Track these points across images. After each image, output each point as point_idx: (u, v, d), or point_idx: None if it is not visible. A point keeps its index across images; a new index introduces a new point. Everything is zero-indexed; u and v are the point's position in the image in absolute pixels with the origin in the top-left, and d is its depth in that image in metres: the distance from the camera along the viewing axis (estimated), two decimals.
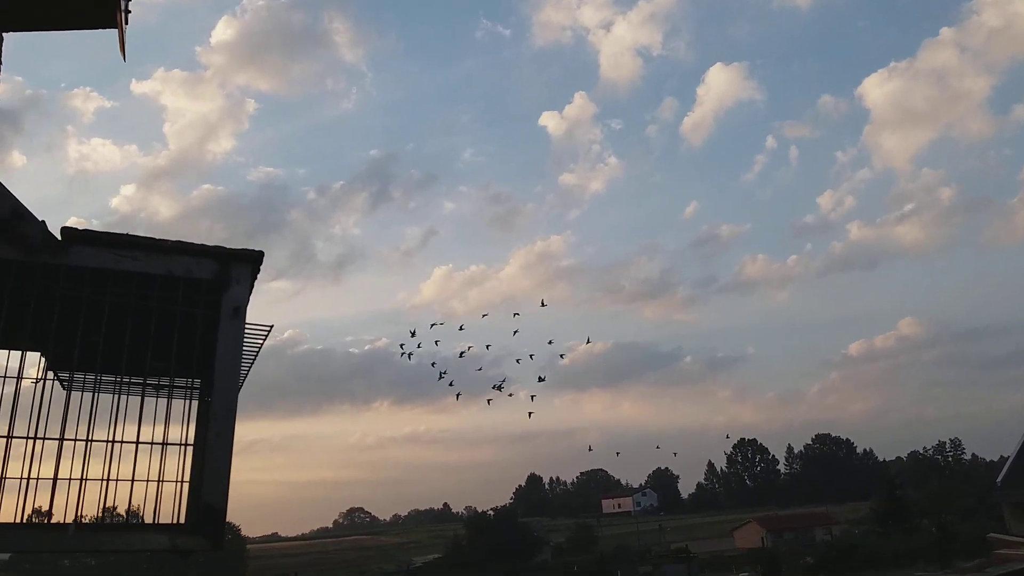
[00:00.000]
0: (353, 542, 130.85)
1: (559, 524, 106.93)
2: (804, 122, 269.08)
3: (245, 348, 2.78)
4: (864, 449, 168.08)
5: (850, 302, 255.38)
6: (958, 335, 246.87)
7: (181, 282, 2.63)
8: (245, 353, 2.83)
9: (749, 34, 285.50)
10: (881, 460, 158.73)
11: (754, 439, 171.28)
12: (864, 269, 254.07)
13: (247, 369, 3.25)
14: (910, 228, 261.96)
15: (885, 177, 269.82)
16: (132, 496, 2.63)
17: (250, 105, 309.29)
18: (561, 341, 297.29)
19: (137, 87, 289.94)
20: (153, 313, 2.63)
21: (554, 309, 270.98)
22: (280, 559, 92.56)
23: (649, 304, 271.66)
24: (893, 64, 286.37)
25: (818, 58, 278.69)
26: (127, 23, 5.11)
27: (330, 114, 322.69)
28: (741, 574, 38.53)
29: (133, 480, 2.60)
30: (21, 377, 2.61)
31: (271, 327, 2.88)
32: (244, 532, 77.23)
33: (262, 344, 3.00)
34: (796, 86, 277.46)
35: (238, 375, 2.65)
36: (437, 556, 72.96)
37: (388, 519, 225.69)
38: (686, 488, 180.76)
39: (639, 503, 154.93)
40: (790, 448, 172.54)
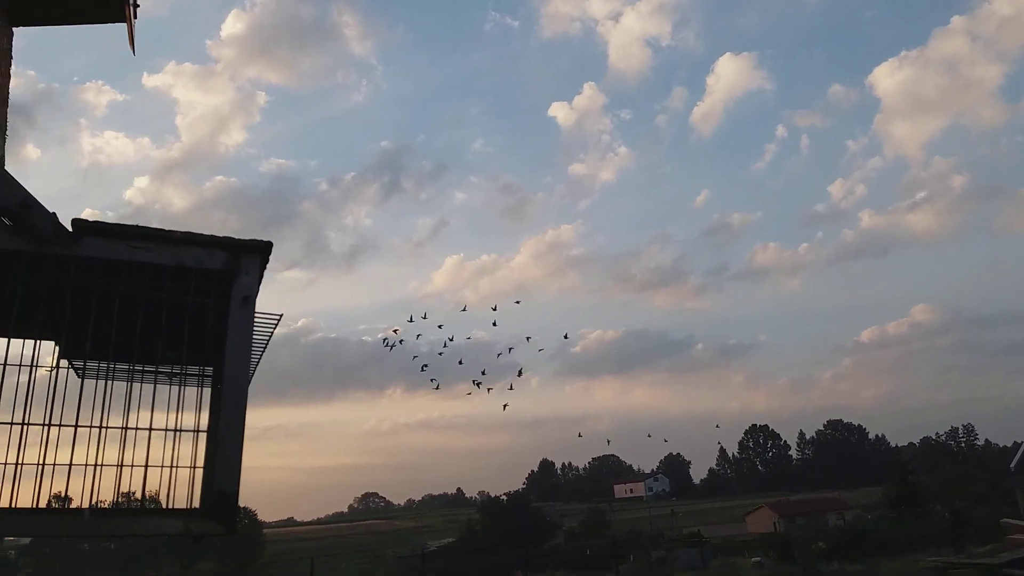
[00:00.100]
0: (368, 526, 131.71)
1: (571, 509, 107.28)
2: (815, 111, 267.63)
3: (255, 337, 2.82)
4: (876, 435, 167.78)
5: (862, 289, 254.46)
6: (971, 321, 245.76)
7: (192, 272, 2.66)
8: (255, 342, 2.87)
9: (758, 24, 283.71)
10: (893, 446, 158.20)
11: (766, 425, 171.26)
12: (876, 257, 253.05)
13: (258, 357, 3.29)
14: (922, 216, 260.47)
15: (896, 165, 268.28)
16: (147, 482, 2.68)
17: (261, 98, 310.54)
18: (573, 330, 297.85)
19: (149, 80, 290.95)
20: (164, 303, 2.66)
21: (565, 298, 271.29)
22: (296, 543, 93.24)
23: (660, 292, 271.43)
24: (904, 53, 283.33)
25: (828, 48, 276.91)
26: (136, 17, 5.14)
27: (341, 106, 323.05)
28: (753, 559, 38.57)
29: (147, 466, 2.64)
30: (36, 365, 2.65)
31: (280, 316, 2.92)
32: (260, 517, 77.81)
33: (272, 333, 3.04)
34: (806, 75, 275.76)
35: (248, 363, 2.69)
36: (451, 540, 73.31)
37: (402, 504, 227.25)
38: (698, 474, 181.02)
39: (651, 488, 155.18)
40: (802, 434, 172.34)
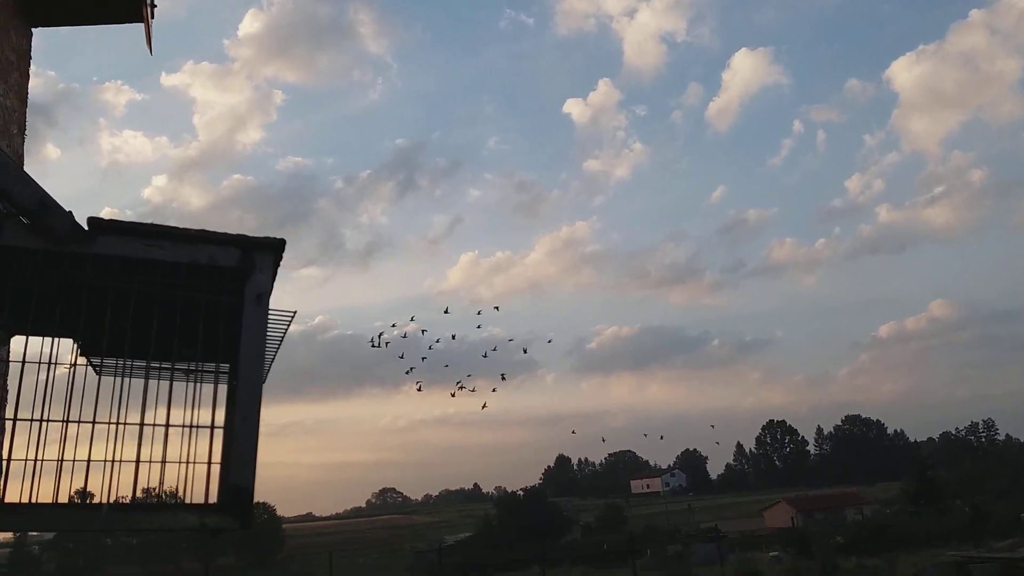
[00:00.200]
0: (386, 521, 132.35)
1: (588, 504, 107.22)
2: (831, 106, 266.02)
3: (270, 334, 2.84)
4: (895, 430, 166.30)
5: (879, 285, 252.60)
6: (990, 316, 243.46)
7: (206, 270, 2.68)
8: (270, 339, 2.88)
9: (774, 19, 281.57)
10: (912, 441, 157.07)
11: (783, 420, 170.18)
12: (893, 252, 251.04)
13: (273, 354, 3.31)
14: (940, 211, 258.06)
15: (914, 160, 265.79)
16: (166, 477, 2.70)
17: (278, 96, 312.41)
18: (588, 326, 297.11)
19: (167, 80, 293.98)
20: (179, 300, 2.68)
21: (580, 294, 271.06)
22: (315, 538, 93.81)
23: (676, 289, 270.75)
24: (922, 47, 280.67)
25: (845, 42, 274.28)
26: (153, 17, 5.19)
27: (357, 105, 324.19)
28: (771, 553, 38.40)
29: (164, 461, 2.67)
30: (55, 363, 2.68)
31: (294, 313, 2.93)
32: (279, 512, 78.37)
33: (286, 330, 3.05)
34: (823, 70, 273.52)
35: (263, 360, 2.70)
36: (468, 535, 73.53)
37: (420, 499, 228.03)
38: (715, 469, 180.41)
39: (668, 484, 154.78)
40: (820, 429, 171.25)
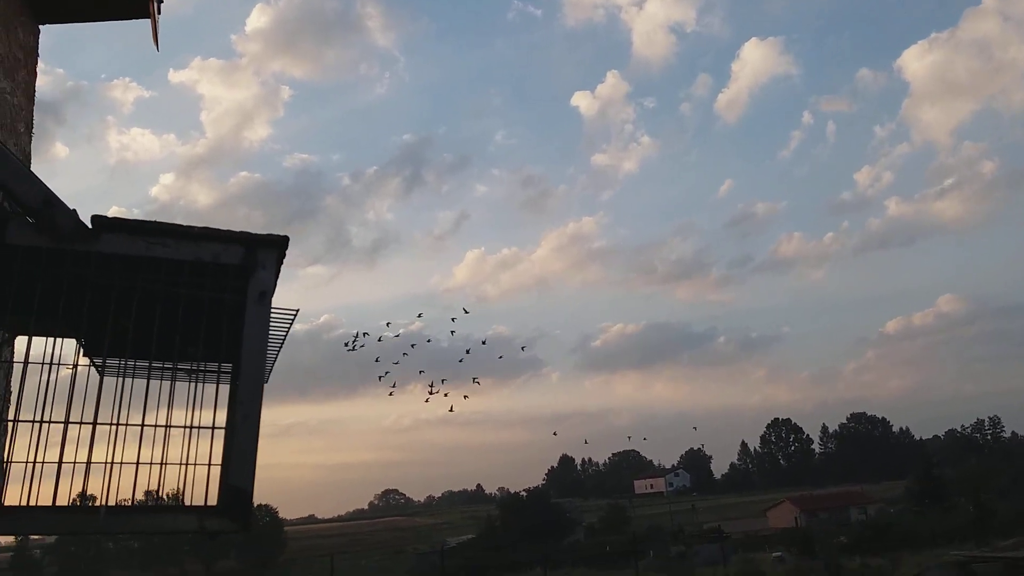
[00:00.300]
0: (388, 523, 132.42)
1: (592, 505, 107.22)
2: (841, 96, 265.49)
3: (273, 332, 2.81)
4: (900, 428, 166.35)
5: (887, 279, 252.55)
6: (999, 311, 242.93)
7: (209, 268, 2.65)
8: (273, 338, 2.86)
9: (784, 8, 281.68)
10: (918, 439, 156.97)
11: (788, 419, 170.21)
12: (902, 246, 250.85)
13: (276, 353, 3.28)
14: (950, 203, 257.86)
15: (925, 151, 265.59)
16: (167, 479, 2.68)
17: (285, 92, 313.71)
18: (594, 323, 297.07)
19: (175, 76, 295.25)
20: (182, 299, 2.66)
21: (587, 291, 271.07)
22: (317, 540, 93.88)
23: (683, 285, 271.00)
24: (934, 35, 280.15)
25: (856, 31, 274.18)
26: (159, 13, 5.17)
27: (364, 99, 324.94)
28: (775, 553, 38.32)
29: (164, 463, 2.64)
30: (54, 363, 2.66)
31: (297, 311, 2.91)
32: (281, 514, 78.49)
33: (289, 328, 3.03)
34: (833, 60, 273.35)
35: (265, 359, 2.68)
36: (471, 537, 73.54)
37: (422, 500, 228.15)
38: (719, 468, 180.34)
39: (672, 484, 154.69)
40: (825, 427, 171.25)
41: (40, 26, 4.59)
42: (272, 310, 2.73)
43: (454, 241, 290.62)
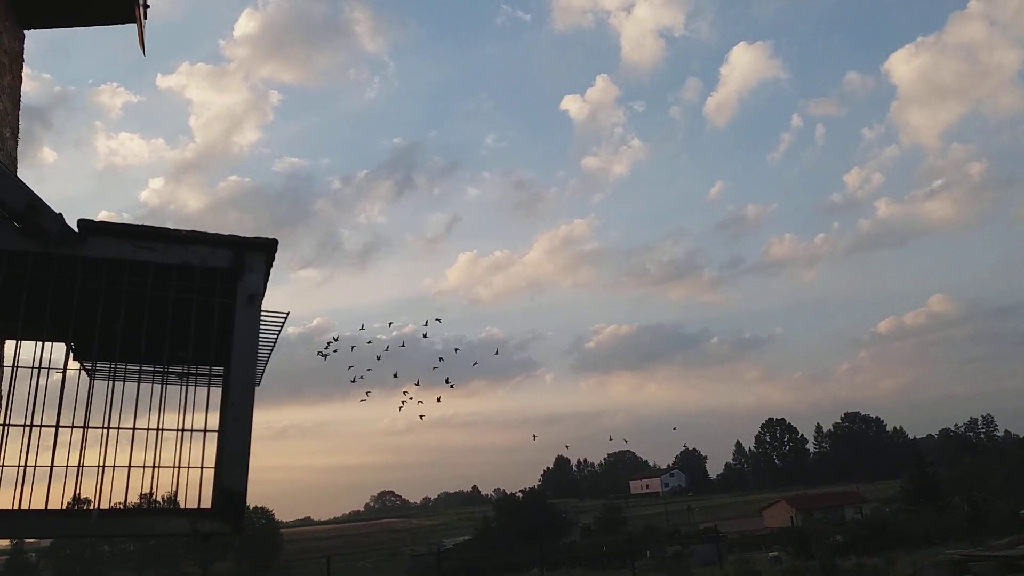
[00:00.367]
0: (384, 525, 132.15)
1: (587, 505, 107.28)
2: (830, 99, 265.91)
3: (263, 335, 2.81)
4: (894, 427, 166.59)
5: (879, 280, 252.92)
6: (990, 312, 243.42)
7: (197, 271, 2.65)
8: (263, 340, 2.86)
9: (773, 12, 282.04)
10: (912, 438, 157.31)
11: (782, 419, 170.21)
12: (892, 247, 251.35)
13: (267, 356, 3.28)
14: (939, 204, 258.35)
15: (913, 154, 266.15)
16: (161, 482, 2.68)
17: (274, 97, 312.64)
18: (587, 324, 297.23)
19: (163, 81, 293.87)
20: (170, 302, 2.66)
21: (578, 292, 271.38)
22: (313, 542, 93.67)
23: (675, 286, 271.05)
24: (920, 39, 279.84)
25: (844, 35, 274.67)
26: (146, 18, 5.16)
27: (353, 104, 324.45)
28: (771, 553, 38.37)
29: (156, 466, 2.64)
30: (48, 367, 2.65)
31: (287, 314, 2.91)
32: (277, 517, 78.30)
33: (279, 331, 3.03)
34: (821, 64, 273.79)
35: (255, 362, 2.68)
36: (467, 538, 73.46)
37: (418, 502, 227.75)
38: (714, 469, 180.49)
39: (667, 484, 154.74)
40: (819, 427, 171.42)
41: (25, 31, 4.57)
42: (263, 313, 2.73)
43: (446, 244, 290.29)
